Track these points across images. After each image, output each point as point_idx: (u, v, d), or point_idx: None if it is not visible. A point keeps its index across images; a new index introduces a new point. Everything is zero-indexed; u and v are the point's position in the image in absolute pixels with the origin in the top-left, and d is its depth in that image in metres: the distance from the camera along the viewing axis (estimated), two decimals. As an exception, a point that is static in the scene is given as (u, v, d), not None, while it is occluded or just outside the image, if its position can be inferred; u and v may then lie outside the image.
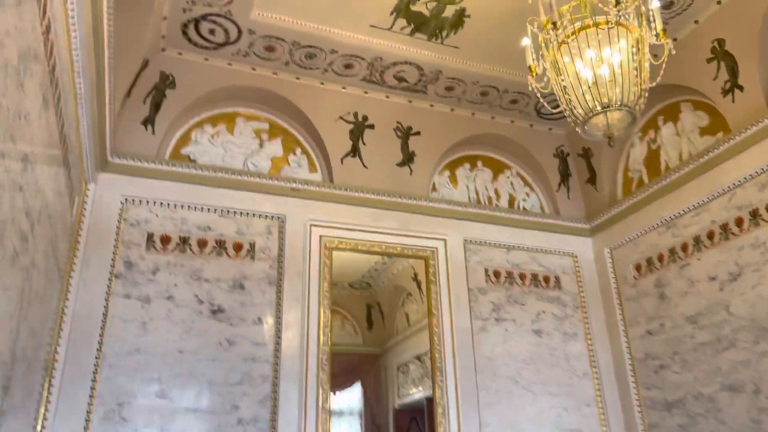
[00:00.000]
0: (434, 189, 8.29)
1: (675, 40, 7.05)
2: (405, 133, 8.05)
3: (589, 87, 3.80)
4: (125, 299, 6.15)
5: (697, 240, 6.94)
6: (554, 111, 8.34)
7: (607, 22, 3.74)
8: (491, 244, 8.08)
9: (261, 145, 7.51)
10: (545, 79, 4.15)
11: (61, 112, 4.24)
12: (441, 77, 7.60)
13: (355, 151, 7.72)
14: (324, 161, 7.69)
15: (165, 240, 6.58)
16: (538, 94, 4.32)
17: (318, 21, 6.63)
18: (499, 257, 8.09)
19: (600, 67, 3.76)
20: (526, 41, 4.18)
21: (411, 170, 7.98)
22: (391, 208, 7.65)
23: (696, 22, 6.79)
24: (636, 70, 3.93)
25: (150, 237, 6.52)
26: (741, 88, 6.47)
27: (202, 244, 6.67)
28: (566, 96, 4.02)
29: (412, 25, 6.78)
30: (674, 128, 7.55)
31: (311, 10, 6.46)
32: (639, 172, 8.04)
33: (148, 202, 6.60)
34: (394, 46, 7.05)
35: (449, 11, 6.61)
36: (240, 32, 6.69)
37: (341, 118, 7.71)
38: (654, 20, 3.96)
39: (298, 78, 7.48)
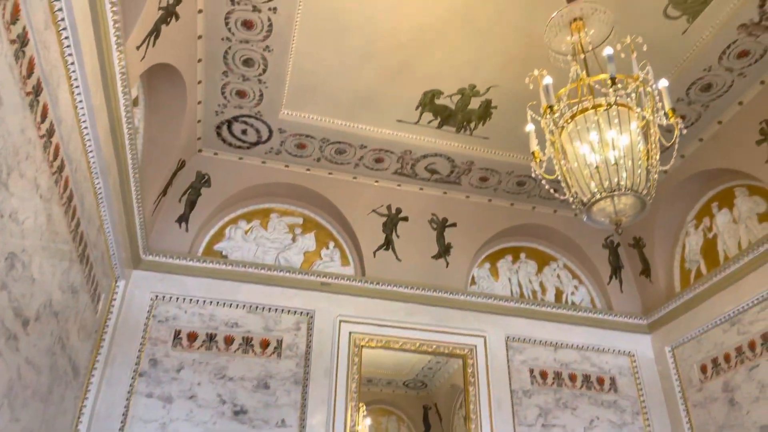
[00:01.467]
0: (473, 282, 7.95)
1: (720, 123, 6.70)
2: (441, 225, 7.87)
3: (592, 171, 3.53)
4: (147, 398, 6.05)
5: (765, 338, 6.18)
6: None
7: (608, 104, 3.52)
8: (537, 341, 7.54)
9: (294, 239, 7.52)
10: (554, 165, 3.92)
11: (74, 210, 4.37)
12: (474, 168, 7.48)
13: (388, 244, 7.58)
14: (357, 255, 7.58)
15: (192, 337, 6.53)
16: (543, 181, 4.07)
17: (345, 118, 6.75)
18: (546, 356, 7.50)
19: (604, 150, 3.50)
20: (529, 127, 4.01)
21: (447, 263, 7.71)
22: (426, 303, 7.34)
23: (740, 103, 6.42)
24: (645, 152, 3.64)
25: (177, 334, 6.50)
26: (801, 171, 5.95)
27: (228, 340, 6.57)
28: (571, 181, 3.76)
29: (439, 118, 6.78)
30: (730, 215, 6.99)
31: (337, 107, 6.61)
32: (697, 263, 7.41)
33: (177, 298, 6.63)
34: (422, 139, 7.04)
35: (475, 103, 6.59)
36: (271, 131, 6.90)
37: (374, 211, 7.66)
38: (662, 100, 3.71)
39: (330, 173, 7.56)
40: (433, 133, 6.97)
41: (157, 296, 6.60)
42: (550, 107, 3.62)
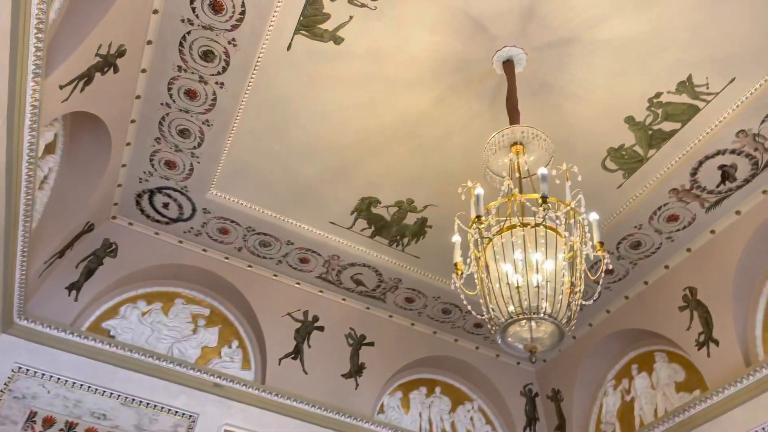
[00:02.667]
0: (381, 410, 7.33)
1: (646, 283, 6.72)
2: (357, 342, 7.38)
3: (513, 291, 3.29)
4: (-32, 490, 5.00)
5: None
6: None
7: (536, 224, 3.36)
8: (438, 488, 6.84)
9: (195, 331, 6.85)
10: (476, 280, 3.66)
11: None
12: (401, 286, 7.18)
13: (297, 353, 6.98)
14: (260, 359, 6.92)
15: (48, 422, 5.61)
16: (462, 296, 3.80)
17: (276, 210, 6.45)
18: (446, 506, 6.78)
19: (528, 271, 3.29)
20: (455, 238, 3.80)
21: (357, 384, 7.13)
22: (327, 426, 6.65)
23: (666, 267, 6.50)
24: (569, 283, 3.44)
25: (32, 416, 5.57)
26: (716, 342, 5.89)
27: (90, 434, 5.66)
28: (489, 299, 3.50)
29: (373, 228, 6.57)
30: (649, 380, 6.81)
31: (270, 197, 6.32)
32: (612, 426, 7.08)
33: (43, 374, 5.77)
34: (353, 246, 6.76)
35: (411, 219, 6.44)
36: (194, 209, 6.50)
37: (290, 314, 7.14)
38: (591, 232, 3.59)
39: (250, 266, 7.10)
40: (364, 242, 6.72)
41: (20, 368, 5.73)
42: (478, 217, 3.43)
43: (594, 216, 3.68)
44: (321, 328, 7.22)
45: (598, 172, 5.79)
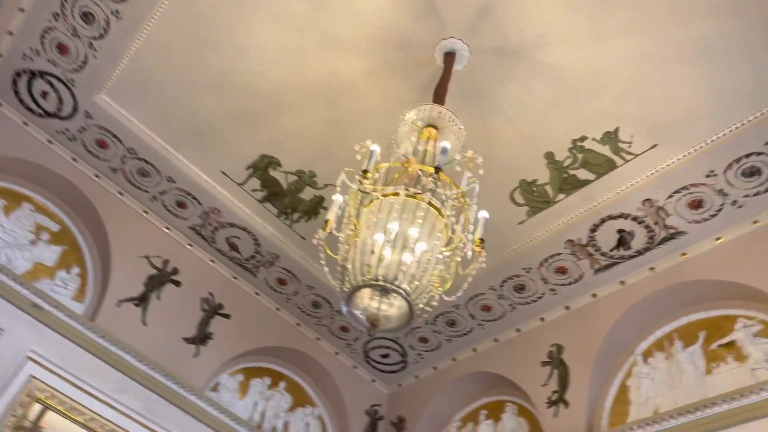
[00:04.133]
0: (216, 388, 6.71)
1: (518, 330, 6.59)
2: (212, 310, 6.76)
3: (375, 259, 2.94)
4: None
5: None
6: (384, 361, 7.53)
7: (418, 193, 3.06)
8: (249, 485, 6.28)
9: (34, 243, 6.02)
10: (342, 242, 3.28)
11: None
12: (277, 264, 6.69)
13: (142, 301, 6.28)
14: (98, 295, 6.16)
15: None
16: (322, 255, 3.41)
17: (167, 139, 5.85)
18: (250, 507, 6.22)
19: (398, 244, 2.96)
20: (336, 197, 3.43)
21: (198, 352, 6.49)
22: (149, 386, 5.95)
23: (542, 319, 6.39)
24: (438, 269, 3.14)
25: None
26: (566, 404, 5.78)
27: None
28: (351, 262, 3.12)
29: (266, 192, 6.08)
30: (493, 428, 6.63)
31: (165, 124, 5.72)
32: (447, 467, 6.83)
33: None
34: (238, 206, 6.23)
35: (308, 193, 6.01)
36: (76, 109, 5.77)
37: (148, 258, 6.45)
38: (475, 227, 3.33)
39: (121, 193, 6.39)
40: (252, 205, 6.21)
41: None
42: (365, 172, 3.08)
43: (483, 214, 3.42)
44: (177, 283, 6.57)
45: (504, 202, 5.62)
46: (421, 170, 3.25)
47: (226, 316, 6.82)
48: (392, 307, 2.99)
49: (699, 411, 4.71)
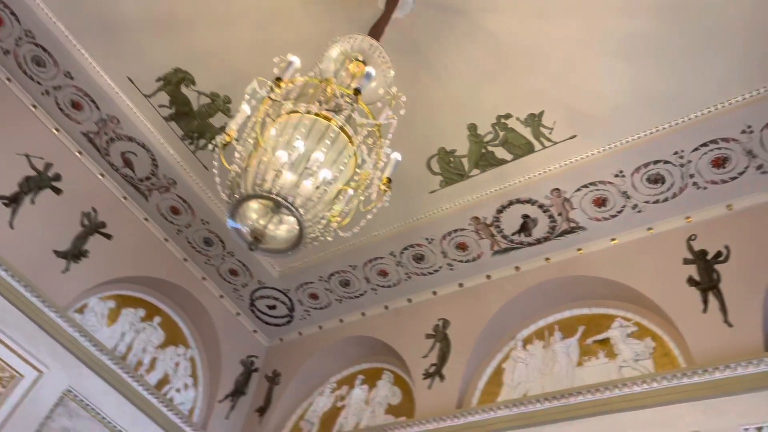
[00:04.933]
0: (81, 311, 6.20)
1: (410, 301, 6.54)
2: (93, 227, 6.22)
3: (273, 174, 2.70)
4: None
5: None
6: (270, 313, 7.28)
7: (335, 121, 2.85)
8: (101, 417, 5.85)
9: None
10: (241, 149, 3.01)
11: None
12: (173, 191, 6.25)
13: (13, 202, 5.66)
14: (-39, 186, 5.50)
15: None
16: (215, 163, 3.14)
17: (72, 29, 5.27)
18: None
19: (300, 164, 2.74)
20: (245, 107, 3.14)
21: (68, 268, 5.95)
22: (5, 295, 5.38)
23: (434, 293, 6.38)
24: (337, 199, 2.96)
25: None
26: (442, 378, 5.80)
27: None
28: (247, 173, 2.87)
29: (173, 110, 5.64)
30: (367, 394, 6.57)
31: (73, 11, 5.15)
32: (312, 426, 6.70)
33: None
34: (141, 119, 5.75)
35: (219, 120, 5.63)
36: (-33, -31, 5.07)
37: (28, 156, 5.82)
38: (386, 165, 3.18)
39: (9, 79, 5.71)
40: (156, 121, 5.76)
41: None
42: (279, 79, 2.83)
43: (396, 155, 3.27)
44: (57, 191, 5.99)
45: (419, 168, 5.52)
46: (338, 91, 3.03)
47: (107, 236, 6.32)
48: (281, 228, 2.77)
49: (564, 398, 4.82)
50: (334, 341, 7.00)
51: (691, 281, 4.83)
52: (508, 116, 5.01)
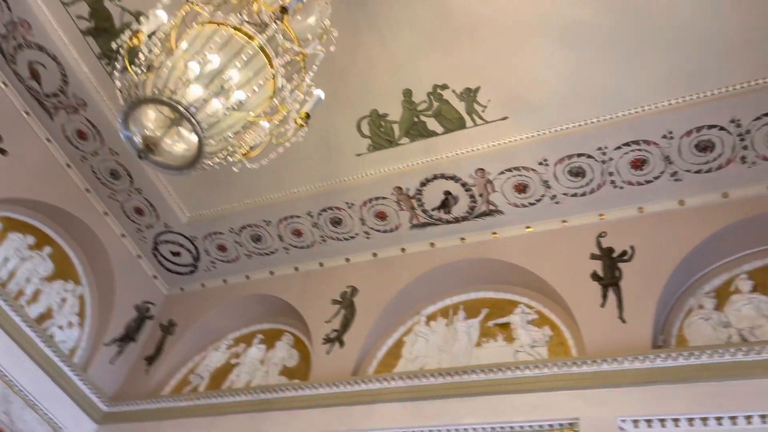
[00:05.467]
0: (-41, 228, 5.65)
1: (321, 265, 6.39)
2: (-15, 139, 5.68)
3: (182, 83, 2.46)
4: None
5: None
6: (174, 260, 6.91)
7: (255, 39, 2.64)
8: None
9: None
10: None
11: None
12: (81, 113, 5.78)
13: None
14: None
15: None
16: (118, 65, 2.86)
17: None
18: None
19: (213, 80, 2.51)
20: (161, 13, 2.85)
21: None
22: None
23: (347, 259, 6.26)
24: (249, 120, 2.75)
25: None
26: (342, 344, 5.71)
27: None
28: (147, 79, 2.61)
29: (93, 22, 5.19)
30: (264, 354, 6.39)
31: None
32: (202, 379, 6.45)
33: None
34: (55, 26, 5.25)
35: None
36: None
37: None
38: (306, 100, 2.99)
39: None
40: (71, 31, 5.31)
41: None
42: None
43: (319, 92, 3.09)
44: (-52, 91, 5.40)
45: (349, 128, 5.36)
46: (264, 7, 2.80)
47: (2, 151, 5.77)
48: (179, 145, 2.53)
49: (458, 375, 4.83)
50: (238, 297, 6.76)
51: (594, 276, 4.94)
52: (444, 87, 4.93)
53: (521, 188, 5.27)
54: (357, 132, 5.38)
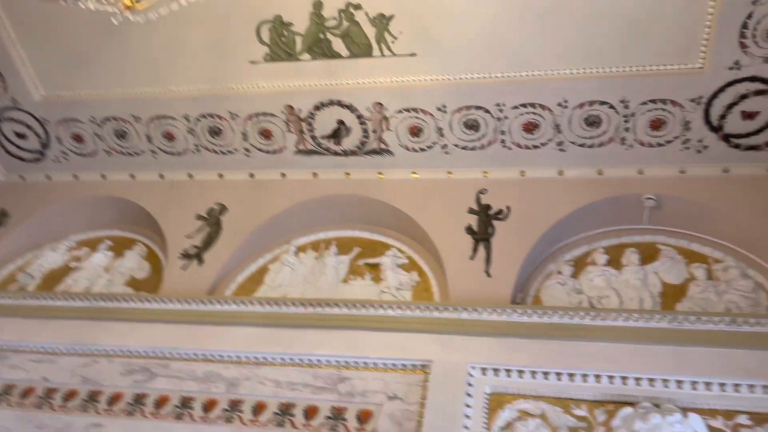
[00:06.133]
0: None
1: (191, 176, 5.91)
2: None
3: None
4: None
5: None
6: (17, 142, 6.02)
7: None
8: None
9: None
10: None
11: None
12: None
13: None
14: None
15: None
16: None
17: None
18: None
19: None
20: None
21: None
22: None
23: (221, 175, 5.84)
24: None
25: None
26: (201, 262, 5.34)
27: None
28: None
29: None
30: (110, 261, 5.86)
31: None
32: (32, 280, 5.77)
33: None
34: None
35: None
36: None
37: None
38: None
39: None
40: None
41: None
42: None
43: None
44: None
45: (246, 30, 4.90)
46: None
47: None
48: None
49: (320, 307, 4.68)
50: (89, 197, 6.10)
51: (469, 230, 5.01)
52: (358, 7, 4.64)
53: (415, 131, 5.17)
54: (255, 36, 4.95)
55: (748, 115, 4.51)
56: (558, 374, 4.01)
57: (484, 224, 5.03)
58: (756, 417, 3.62)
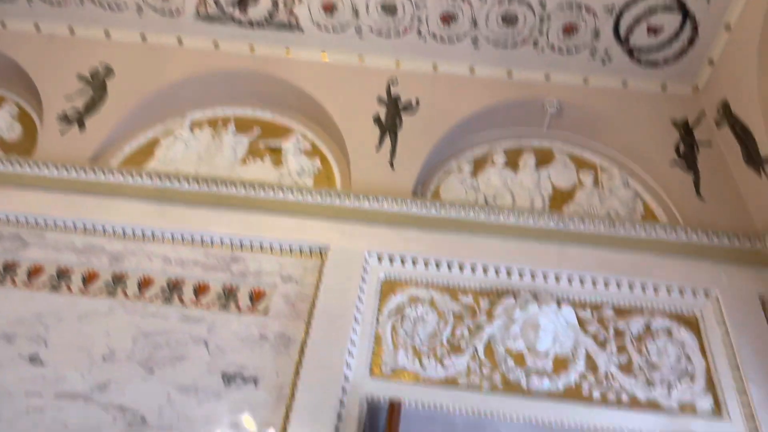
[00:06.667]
0: None
1: (72, 32, 5.24)
2: None
3: None
4: None
5: None
6: None
7: None
8: None
9: None
10: None
11: None
12: None
13: None
14: None
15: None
16: None
17: None
18: None
19: None
20: None
21: None
22: None
23: (107, 33, 5.23)
24: None
25: None
26: (82, 128, 4.88)
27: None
28: None
29: None
30: None
31: None
32: None
33: None
34: None
35: None
36: None
37: None
38: None
39: None
40: None
41: None
42: None
43: None
44: None
45: None
46: None
47: None
48: None
49: (214, 185, 4.47)
50: None
51: (377, 120, 4.91)
52: None
53: (330, 8, 4.85)
54: None
55: (653, 31, 4.64)
56: (449, 264, 4.16)
57: (392, 116, 4.95)
58: (618, 310, 4.01)
